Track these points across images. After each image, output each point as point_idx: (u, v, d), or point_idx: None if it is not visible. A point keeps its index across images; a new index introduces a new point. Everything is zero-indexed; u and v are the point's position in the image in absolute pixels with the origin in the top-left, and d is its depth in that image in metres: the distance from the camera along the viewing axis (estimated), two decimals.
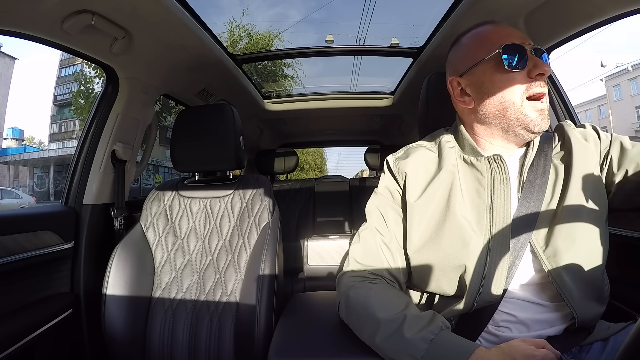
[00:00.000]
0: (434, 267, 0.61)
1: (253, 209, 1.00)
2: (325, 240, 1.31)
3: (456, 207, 0.60)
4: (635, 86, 21.48)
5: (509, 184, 0.60)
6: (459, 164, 0.65)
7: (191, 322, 0.92)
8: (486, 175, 0.62)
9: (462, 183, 0.63)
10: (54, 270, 0.98)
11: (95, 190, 1.09)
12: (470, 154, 0.65)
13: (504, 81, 0.58)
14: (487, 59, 0.59)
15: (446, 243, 0.60)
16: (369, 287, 0.62)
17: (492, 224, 0.59)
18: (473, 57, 0.61)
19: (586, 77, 43.94)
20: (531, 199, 0.59)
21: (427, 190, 0.64)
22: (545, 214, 0.59)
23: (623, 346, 0.30)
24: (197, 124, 1.05)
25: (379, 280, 0.65)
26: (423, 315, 0.55)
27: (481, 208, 0.60)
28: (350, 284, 0.64)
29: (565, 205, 0.58)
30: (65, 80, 23.33)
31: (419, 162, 0.68)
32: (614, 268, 0.78)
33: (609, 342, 0.58)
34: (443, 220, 0.61)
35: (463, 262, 0.58)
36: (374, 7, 2.22)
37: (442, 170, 0.64)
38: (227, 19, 4.71)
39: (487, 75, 0.60)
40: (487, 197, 0.60)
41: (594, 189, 0.59)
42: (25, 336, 0.81)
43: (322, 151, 16.31)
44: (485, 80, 0.60)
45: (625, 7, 0.76)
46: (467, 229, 0.59)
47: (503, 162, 0.61)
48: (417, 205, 0.64)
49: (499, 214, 0.59)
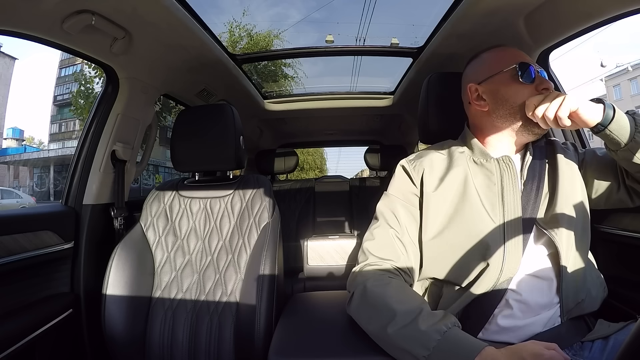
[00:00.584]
0: (456, 248, 0.68)
1: (253, 209, 1.00)
2: (325, 240, 1.32)
3: (472, 196, 0.70)
4: (635, 86, 21.48)
5: (517, 179, 0.71)
6: (470, 165, 0.75)
7: (191, 322, 0.92)
8: (496, 173, 0.72)
9: (474, 179, 0.73)
10: (54, 270, 0.98)
11: (95, 190, 1.09)
12: (479, 157, 0.75)
13: (516, 90, 0.71)
14: (505, 71, 0.72)
15: (467, 225, 0.68)
16: (387, 280, 0.66)
17: (505, 211, 0.68)
18: (492, 69, 0.74)
19: (586, 77, 43.95)
20: (532, 190, 0.71)
21: (443, 182, 0.73)
22: (545, 201, 0.71)
23: (624, 345, 0.30)
24: (197, 124, 1.05)
25: (397, 276, 0.69)
26: (437, 312, 0.59)
27: (493, 199, 0.70)
28: (368, 276, 0.68)
29: (559, 195, 0.70)
30: (65, 80, 23.35)
31: (433, 161, 0.78)
32: (614, 268, 0.79)
33: (609, 341, 0.62)
34: (462, 206, 0.70)
35: (485, 240, 0.66)
36: (374, 7, 2.22)
37: (454, 168, 0.74)
38: (227, 19, 4.72)
39: (503, 84, 0.72)
40: (498, 189, 0.71)
41: (579, 184, 0.73)
42: (25, 336, 0.81)
43: (322, 151, 16.33)
44: (501, 88, 0.72)
45: (625, 7, 0.76)
46: (484, 214, 0.69)
47: (511, 161, 0.72)
48: (435, 195, 0.73)
49: (509, 202, 0.69)
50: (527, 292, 0.65)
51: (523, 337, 0.64)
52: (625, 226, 0.79)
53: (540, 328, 0.64)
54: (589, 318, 0.68)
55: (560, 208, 0.69)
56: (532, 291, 0.65)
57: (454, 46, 1.13)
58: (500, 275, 0.64)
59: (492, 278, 0.64)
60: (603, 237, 0.83)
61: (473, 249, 0.67)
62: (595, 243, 0.74)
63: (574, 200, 0.70)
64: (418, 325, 0.55)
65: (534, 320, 0.64)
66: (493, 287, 0.65)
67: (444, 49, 1.17)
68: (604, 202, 0.75)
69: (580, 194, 0.72)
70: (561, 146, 0.78)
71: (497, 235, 0.67)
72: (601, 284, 0.71)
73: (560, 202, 0.69)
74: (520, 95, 0.70)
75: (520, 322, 0.65)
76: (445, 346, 0.52)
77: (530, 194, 0.71)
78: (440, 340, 0.52)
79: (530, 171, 0.73)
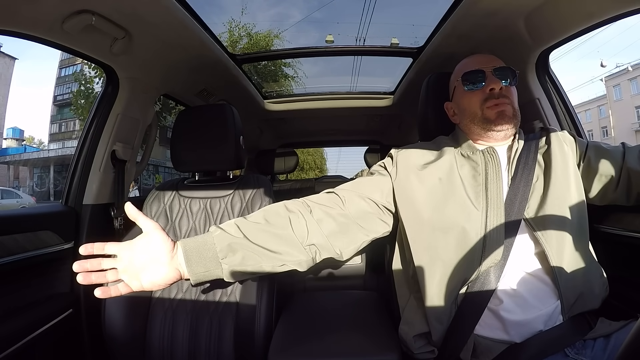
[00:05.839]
0: (438, 234, 0.70)
1: (253, 209, 1.00)
2: None
3: (456, 184, 0.72)
4: (635, 86, 21.47)
5: (500, 169, 0.73)
6: (457, 158, 0.77)
7: (191, 322, 0.92)
8: (481, 164, 0.74)
9: (460, 171, 0.74)
10: (54, 270, 0.98)
11: (95, 190, 1.09)
12: (467, 150, 0.77)
13: (467, 99, 0.77)
14: (456, 86, 0.81)
15: (448, 212, 0.70)
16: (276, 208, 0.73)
17: (488, 200, 0.70)
18: (452, 84, 0.84)
19: (586, 77, 43.95)
20: (520, 181, 0.71)
21: (427, 168, 0.76)
22: (534, 195, 0.71)
23: (624, 344, 0.30)
24: (197, 124, 1.05)
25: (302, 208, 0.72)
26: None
27: (477, 189, 0.72)
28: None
29: (550, 189, 0.70)
30: (65, 80, 23.33)
31: (420, 150, 0.80)
32: (614, 268, 0.79)
33: (611, 340, 0.62)
34: (444, 193, 0.72)
35: (466, 227, 0.68)
36: (374, 7, 2.21)
37: (441, 158, 0.77)
38: (227, 19, 4.71)
39: (457, 97, 0.81)
40: (482, 180, 0.72)
41: (574, 178, 0.72)
42: (25, 336, 0.81)
43: (322, 151, 16.30)
44: (458, 101, 0.81)
45: (625, 7, 0.76)
46: (468, 202, 0.70)
47: (495, 152, 0.74)
48: (416, 177, 0.75)
49: (492, 192, 0.70)
50: (522, 287, 0.66)
51: (526, 335, 0.64)
52: (625, 226, 0.79)
53: (542, 325, 0.65)
54: (590, 317, 0.68)
55: (551, 203, 0.68)
56: (527, 285, 0.66)
57: (454, 46, 1.13)
58: (482, 262, 0.66)
59: (474, 265, 0.66)
60: (603, 236, 0.83)
61: (454, 236, 0.68)
62: (595, 243, 0.74)
63: (566, 194, 0.70)
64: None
65: (535, 316, 0.64)
66: (477, 274, 0.66)
67: (444, 49, 1.17)
68: (599, 199, 0.75)
69: (574, 187, 0.72)
70: (558, 136, 0.78)
71: (478, 223, 0.68)
72: (603, 283, 0.71)
73: (551, 196, 0.69)
74: (471, 102, 0.76)
75: (519, 317, 0.65)
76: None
77: (518, 186, 0.71)
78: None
79: (519, 162, 0.73)
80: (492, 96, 0.74)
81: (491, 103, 0.73)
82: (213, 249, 0.62)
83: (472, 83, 0.76)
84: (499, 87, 0.73)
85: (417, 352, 0.71)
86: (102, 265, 0.59)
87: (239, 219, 0.69)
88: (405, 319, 0.75)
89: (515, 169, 0.73)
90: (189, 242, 0.63)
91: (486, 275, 0.66)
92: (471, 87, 0.76)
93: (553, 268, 0.65)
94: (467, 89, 0.77)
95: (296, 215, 0.70)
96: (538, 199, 0.70)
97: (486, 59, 0.78)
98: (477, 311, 0.66)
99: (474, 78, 0.76)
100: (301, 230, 0.68)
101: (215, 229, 0.65)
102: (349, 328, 0.73)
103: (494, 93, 0.73)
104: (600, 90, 22.98)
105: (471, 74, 0.76)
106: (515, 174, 0.72)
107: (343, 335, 0.73)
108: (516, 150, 0.75)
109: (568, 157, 0.74)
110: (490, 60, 0.78)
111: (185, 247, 0.62)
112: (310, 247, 0.68)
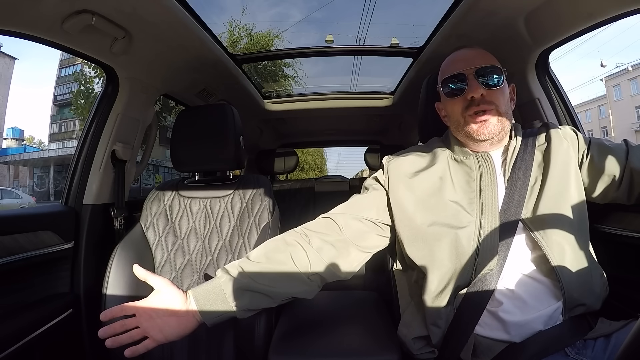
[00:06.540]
0: (431, 241, 0.69)
1: (253, 209, 1.00)
2: None
3: (446, 194, 0.71)
4: (635, 86, 21.47)
5: (495, 174, 0.71)
6: (450, 163, 0.75)
7: None
8: (475, 169, 0.72)
9: (453, 177, 0.73)
10: (54, 270, 0.98)
11: (95, 190, 1.09)
12: (460, 154, 0.75)
13: (449, 106, 0.74)
14: (438, 89, 0.77)
15: (442, 219, 0.69)
16: (276, 243, 0.74)
17: (483, 206, 0.68)
18: (438, 88, 0.78)
19: (586, 77, 43.93)
20: (517, 182, 0.69)
21: (418, 176, 0.74)
22: (532, 196, 0.69)
23: (624, 344, 0.30)
24: (197, 124, 1.05)
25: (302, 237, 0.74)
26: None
27: (471, 195, 0.70)
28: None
29: (548, 188, 0.68)
30: (65, 80, 23.32)
31: (412, 156, 0.79)
32: (614, 268, 0.79)
33: (611, 340, 0.62)
34: (435, 200, 0.71)
35: (458, 233, 0.66)
36: (374, 7, 2.22)
37: (434, 165, 0.75)
38: (227, 19, 4.71)
39: (442, 100, 0.78)
40: (476, 186, 0.71)
41: (574, 177, 0.70)
42: (25, 336, 0.81)
43: (322, 151, 16.28)
44: (443, 105, 0.78)
45: (625, 7, 0.76)
46: (459, 210, 0.69)
47: (489, 157, 0.72)
48: (406, 185, 0.74)
49: (487, 198, 0.69)
50: (521, 288, 0.65)
51: (525, 335, 0.64)
52: (625, 226, 0.79)
53: (542, 326, 0.64)
54: (590, 317, 0.68)
55: (549, 203, 0.67)
56: (526, 287, 0.66)
57: (454, 46, 1.12)
58: (477, 268, 0.65)
59: (470, 270, 0.66)
60: (603, 236, 0.83)
61: (447, 243, 0.67)
62: (595, 243, 0.74)
63: (566, 194, 0.68)
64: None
65: (534, 317, 0.64)
66: (474, 279, 0.66)
67: (444, 49, 1.17)
68: (600, 198, 0.74)
69: (574, 186, 0.70)
70: (558, 132, 0.75)
71: (471, 229, 0.67)
72: (604, 283, 0.71)
73: (550, 196, 0.67)
74: (453, 110, 0.73)
75: (518, 318, 0.65)
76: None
77: (514, 187, 0.69)
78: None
79: (516, 162, 0.71)
80: (473, 103, 0.69)
81: (472, 111, 0.69)
82: (222, 294, 0.66)
83: (452, 89, 0.72)
84: (479, 94, 0.68)
85: (417, 353, 0.71)
86: (126, 326, 0.63)
87: (243, 261, 0.71)
88: (404, 321, 0.75)
89: (511, 170, 0.71)
90: (199, 289, 0.67)
91: (484, 279, 0.65)
92: (451, 95, 0.72)
93: (554, 268, 0.64)
94: (448, 97, 0.73)
95: (296, 247, 0.72)
96: (536, 199, 0.68)
97: (470, 56, 0.73)
98: (476, 313, 0.66)
99: (454, 84, 0.71)
100: (303, 262, 0.70)
101: (222, 274, 0.68)
102: (349, 328, 0.73)
103: (475, 100, 0.69)
104: (600, 90, 22.99)
105: (451, 79, 0.72)
106: (512, 175, 0.70)
107: (343, 335, 0.73)
108: (513, 150, 0.73)
109: (569, 155, 0.72)
110: (474, 57, 0.72)
111: (196, 295, 0.66)
112: (314, 276, 0.71)
